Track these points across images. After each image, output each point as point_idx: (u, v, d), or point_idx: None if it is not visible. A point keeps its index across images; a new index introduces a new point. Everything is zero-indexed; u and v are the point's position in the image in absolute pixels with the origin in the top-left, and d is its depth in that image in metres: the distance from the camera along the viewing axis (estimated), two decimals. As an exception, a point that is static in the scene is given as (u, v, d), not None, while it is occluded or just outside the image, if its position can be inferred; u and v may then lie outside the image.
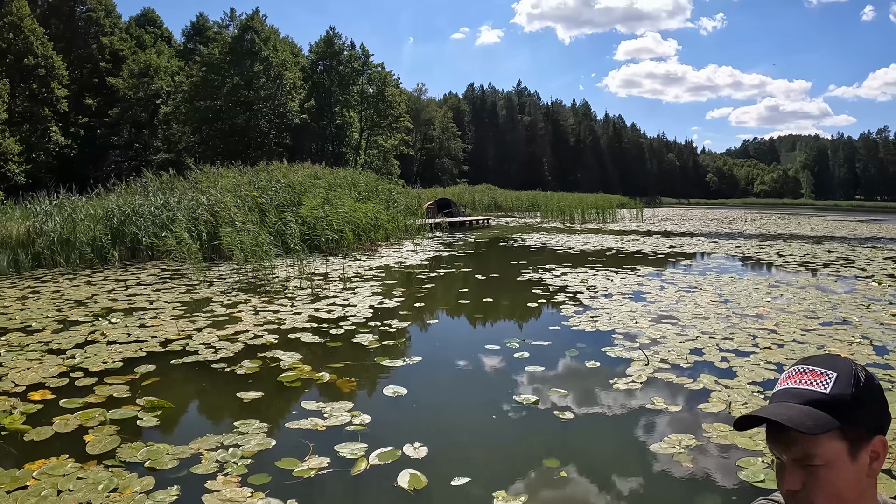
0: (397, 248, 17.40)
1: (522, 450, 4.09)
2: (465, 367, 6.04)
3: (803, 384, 1.11)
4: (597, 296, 9.61)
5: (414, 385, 5.26)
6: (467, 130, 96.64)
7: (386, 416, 4.64)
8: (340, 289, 10.28)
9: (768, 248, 18.90)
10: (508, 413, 4.65)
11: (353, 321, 7.80)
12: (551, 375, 5.63)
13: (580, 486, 3.63)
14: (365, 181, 22.63)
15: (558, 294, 9.76)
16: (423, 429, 4.37)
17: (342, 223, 16.44)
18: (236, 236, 12.74)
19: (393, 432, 4.27)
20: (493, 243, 20.33)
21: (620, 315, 8.07)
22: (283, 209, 16.66)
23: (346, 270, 12.63)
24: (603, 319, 7.79)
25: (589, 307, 8.67)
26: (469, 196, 44.25)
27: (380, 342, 6.69)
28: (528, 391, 5.10)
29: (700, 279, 11.60)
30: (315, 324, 7.67)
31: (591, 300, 9.22)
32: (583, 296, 9.62)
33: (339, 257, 15.02)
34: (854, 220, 44.28)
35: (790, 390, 1.12)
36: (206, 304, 9.08)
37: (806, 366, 1.14)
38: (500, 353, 6.32)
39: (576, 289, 10.30)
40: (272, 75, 41.28)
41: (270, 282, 11.13)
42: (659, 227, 30.09)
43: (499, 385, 5.41)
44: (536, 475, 3.71)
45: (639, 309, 8.52)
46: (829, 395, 1.08)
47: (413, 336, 7.21)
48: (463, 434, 4.41)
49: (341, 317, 8.06)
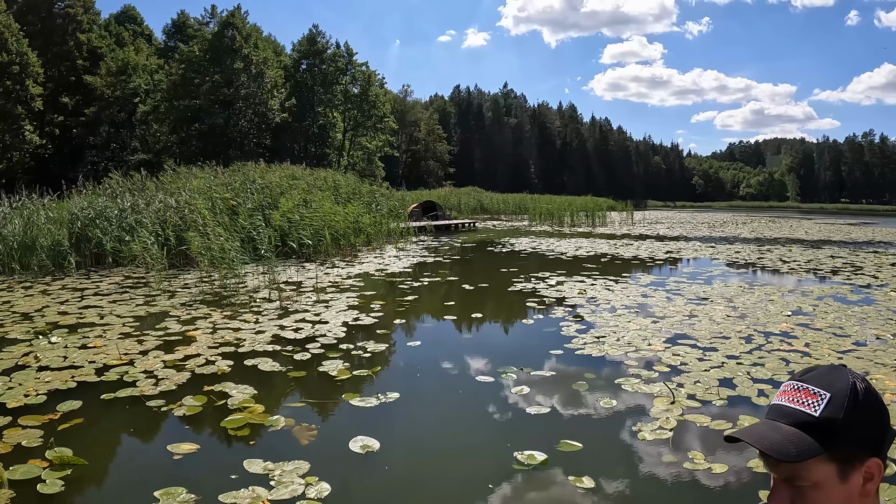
0: (379, 254, 16.34)
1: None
2: (452, 408, 4.99)
3: (795, 403, 1.09)
4: (598, 309, 8.60)
5: (388, 436, 4.19)
6: (453, 132, 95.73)
7: (351, 485, 3.59)
8: (313, 301, 9.22)
9: (769, 253, 18.04)
10: (509, 480, 3.60)
11: (322, 342, 6.75)
12: (559, 420, 4.58)
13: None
14: (346, 183, 21.54)
15: (556, 308, 8.74)
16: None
17: (320, 227, 15.35)
18: (201, 241, 11.63)
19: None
20: (481, 248, 19.32)
21: (629, 334, 7.06)
22: (258, 212, 15.57)
23: (323, 279, 11.56)
24: (610, 340, 6.78)
25: (592, 324, 7.66)
26: (455, 199, 43.26)
27: (351, 371, 5.64)
28: (533, 444, 4.04)
29: (707, 289, 10.65)
30: (278, 346, 6.62)
31: (592, 315, 8.22)
32: (583, 309, 8.61)
33: (317, 264, 13.95)
34: (845, 223, 43.82)
35: (782, 408, 1.10)
36: (162, 319, 8.02)
37: (801, 383, 1.11)
38: (494, 387, 5.28)
39: (574, 301, 9.30)
40: (252, 73, 39.91)
41: (237, 292, 10.05)
42: (651, 231, 29.23)
43: (495, 436, 4.35)
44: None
45: (648, 326, 7.52)
46: (817, 419, 1.05)
47: (391, 363, 6.16)
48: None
49: (309, 337, 7.01)
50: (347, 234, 16.67)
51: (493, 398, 5.03)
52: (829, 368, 1.12)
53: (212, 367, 5.87)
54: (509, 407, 4.83)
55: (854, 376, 1.09)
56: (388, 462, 3.87)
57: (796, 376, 1.13)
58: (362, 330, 7.45)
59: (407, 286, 10.86)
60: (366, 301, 9.25)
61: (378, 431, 4.20)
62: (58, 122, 46.18)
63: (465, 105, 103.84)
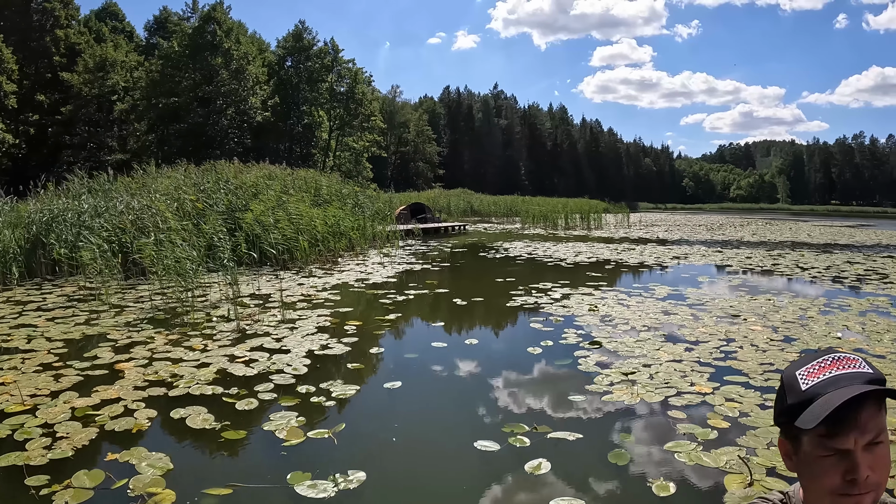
0: (362, 260, 14.89)
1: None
2: (442, 499, 3.56)
3: (850, 368, 1.09)
4: (617, 332, 7.20)
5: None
6: (443, 134, 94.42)
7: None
8: (278, 321, 7.78)
9: (781, 258, 16.75)
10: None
11: (277, 382, 5.32)
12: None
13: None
14: (328, 183, 20.06)
15: (566, 331, 7.31)
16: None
17: (295, 231, 13.90)
18: (153, 248, 10.16)
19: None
20: (472, 253, 17.91)
21: (663, 369, 5.67)
22: (226, 216, 14.12)
23: (295, 291, 10.11)
24: (642, 378, 5.37)
25: (613, 353, 6.25)
26: (444, 200, 41.94)
27: (305, 433, 4.19)
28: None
29: (734, 302, 9.29)
30: (220, 387, 5.18)
31: (611, 340, 6.81)
32: (599, 332, 7.21)
33: (293, 272, 12.51)
34: (842, 225, 42.83)
35: (842, 376, 1.08)
36: (95, 344, 6.62)
37: (832, 355, 1.12)
38: (500, 459, 3.81)
39: (586, 320, 7.90)
40: (233, 69, 38.17)
41: (193, 308, 8.61)
42: (649, 234, 27.94)
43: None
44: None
45: (682, 356, 6.13)
46: (875, 374, 1.08)
47: (360, 417, 4.70)
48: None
49: (263, 374, 5.58)
50: (327, 238, 15.22)
51: (499, 481, 3.57)
52: (824, 350, 1.20)
53: (128, 421, 4.45)
54: (524, 498, 3.39)
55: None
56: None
57: (817, 356, 1.13)
58: (330, 362, 6.01)
59: (389, 300, 9.42)
60: (339, 321, 7.81)
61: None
62: (33, 121, 44.46)
63: (455, 106, 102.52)
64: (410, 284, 11.06)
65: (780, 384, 1.16)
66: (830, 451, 1.06)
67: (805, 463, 1.11)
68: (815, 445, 1.08)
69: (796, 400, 1.11)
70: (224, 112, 38.99)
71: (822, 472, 1.08)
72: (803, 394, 1.10)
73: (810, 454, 1.09)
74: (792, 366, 1.16)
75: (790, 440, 1.15)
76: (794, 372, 1.14)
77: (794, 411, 1.10)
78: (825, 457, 1.07)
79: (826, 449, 1.07)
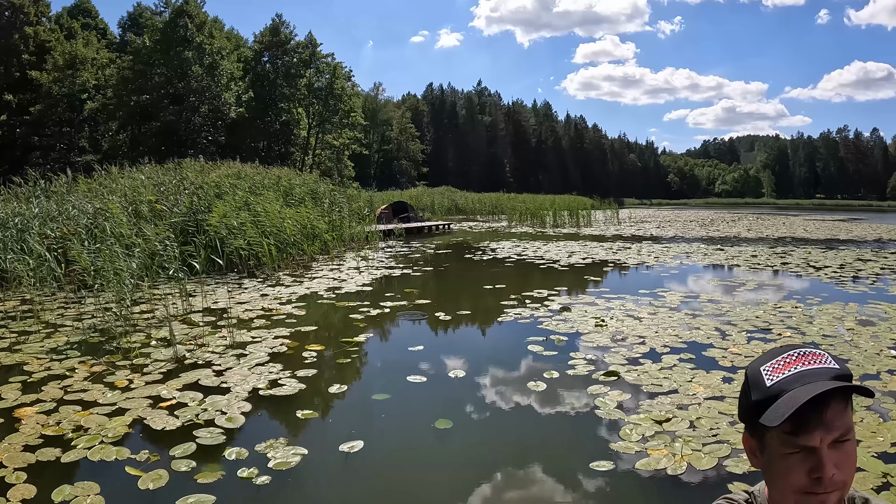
0: (338, 265, 13.58)
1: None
2: None
3: (816, 364, 1.05)
4: (635, 357, 5.95)
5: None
6: (426, 131, 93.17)
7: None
8: (226, 346, 6.48)
9: (788, 256, 15.65)
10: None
11: (201, 441, 4.03)
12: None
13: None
14: (301, 182, 18.70)
15: (573, 356, 6.04)
16: None
17: (259, 234, 12.58)
18: (86, 259, 8.81)
19: None
20: (457, 255, 16.64)
21: (703, 411, 4.41)
22: (189, 217, 12.80)
23: (257, 304, 8.81)
24: (681, 427, 4.10)
25: (638, 388, 4.99)
26: (428, 199, 40.69)
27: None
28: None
29: (759, 312, 8.08)
30: (129, 449, 3.90)
31: (630, 368, 5.55)
32: (612, 355, 5.95)
33: (260, 280, 11.20)
34: (835, 219, 42.16)
35: (807, 372, 1.03)
36: (5, 378, 5.37)
37: (800, 349, 1.08)
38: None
39: (593, 339, 6.64)
40: (206, 64, 36.50)
41: (135, 328, 7.32)
42: (641, 231, 26.83)
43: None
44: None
45: (723, 389, 4.89)
46: (841, 369, 1.04)
47: (302, 502, 3.41)
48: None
49: (187, 426, 4.29)
50: (298, 242, 13.88)
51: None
52: (788, 345, 1.10)
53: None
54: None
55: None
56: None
57: (781, 350, 1.09)
58: (276, 408, 4.73)
59: (361, 315, 8.12)
60: (298, 344, 6.50)
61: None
62: (1, 121, 42.75)
63: (439, 103, 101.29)
64: (387, 294, 9.76)
65: (744, 379, 1.11)
66: (796, 449, 1.02)
67: (770, 460, 1.06)
68: (781, 443, 1.03)
69: (761, 396, 1.05)
70: (198, 109, 37.37)
71: (787, 469, 1.03)
72: (768, 390, 1.05)
73: (775, 452, 1.04)
74: (756, 361, 1.10)
75: (755, 437, 1.09)
76: (758, 367, 1.09)
77: (758, 408, 1.04)
78: (790, 454, 1.02)
79: (791, 446, 1.02)
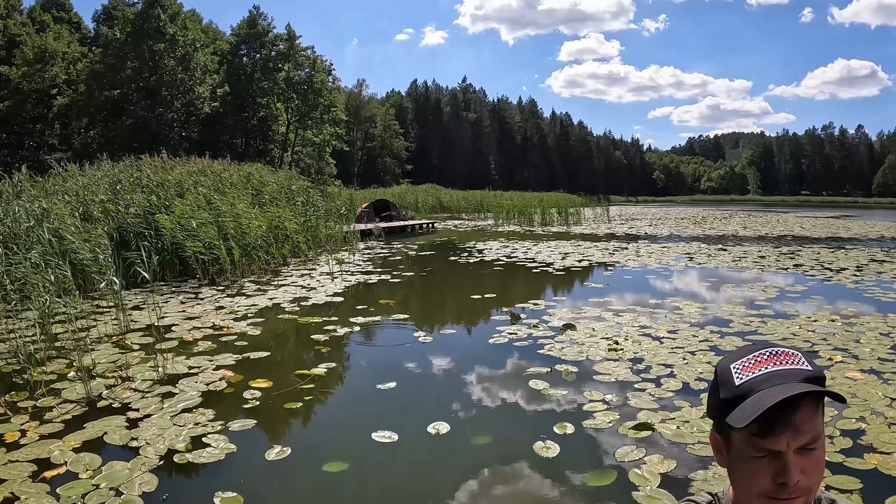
0: (310, 269, 12.26)
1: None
2: None
3: (788, 364, 0.99)
4: (666, 396, 4.67)
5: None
6: (410, 129, 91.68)
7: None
8: (154, 380, 5.16)
9: (798, 257, 14.53)
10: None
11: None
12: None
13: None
14: (275, 179, 17.30)
15: (588, 397, 4.75)
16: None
17: (221, 237, 11.21)
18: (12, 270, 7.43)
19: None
20: (442, 256, 15.35)
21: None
22: (143, 218, 11.42)
23: (208, 319, 7.49)
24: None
25: (680, 447, 3.72)
26: (412, 197, 39.36)
27: None
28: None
29: (794, 328, 6.86)
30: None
31: (664, 414, 4.28)
32: (636, 394, 4.68)
33: (221, 288, 9.88)
34: (828, 216, 41.36)
35: (778, 373, 0.97)
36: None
37: (771, 349, 1.01)
38: None
39: (609, 370, 5.36)
40: (179, 56, 34.75)
41: (59, 353, 6.00)
42: (634, 230, 25.69)
43: None
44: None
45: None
46: (814, 371, 0.99)
47: None
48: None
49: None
50: (265, 244, 12.53)
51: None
52: (762, 343, 1.06)
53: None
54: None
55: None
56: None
57: (755, 350, 1.03)
58: (189, 486, 3.41)
59: (325, 335, 6.80)
60: (241, 380, 5.19)
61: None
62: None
63: (423, 100, 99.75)
64: (359, 307, 8.44)
65: (714, 376, 1.05)
66: (762, 452, 0.97)
67: (735, 461, 1.00)
68: (747, 444, 0.98)
69: (729, 395, 1.00)
70: (171, 104, 35.68)
71: (752, 472, 0.98)
72: (737, 389, 0.99)
73: (741, 453, 0.99)
74: (728, 357, 1.05)
75: (721, 436, 1.03)
76: (728, 364, 1.03)
77: (726, 406, 1.00)
78: (756, 457, 0.97)
79: (757, 449, 0.97)
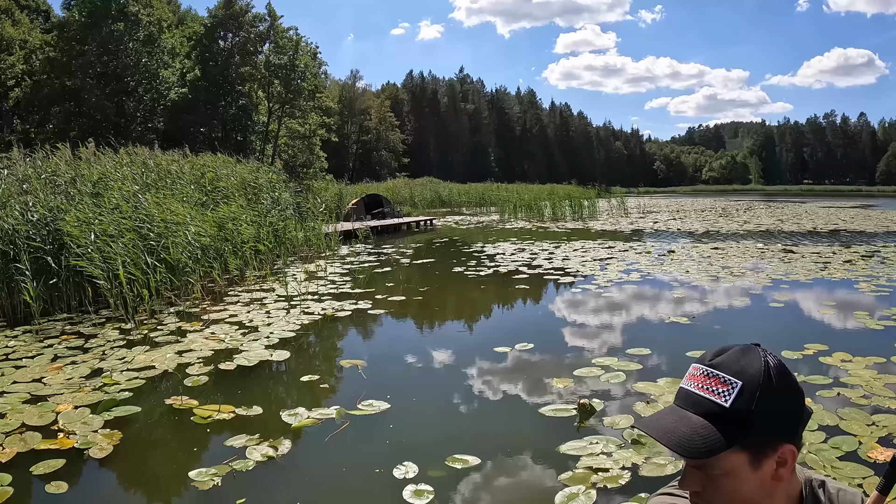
0: (267, 290, 9.12)
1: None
2: None
3: (704, 391, 0.98)
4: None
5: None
6: (406, 121, 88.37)
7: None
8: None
9: (863, 261, 11.49)
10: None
11: None
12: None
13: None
14: (234, 172, 14.13)
15: None
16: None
17: (134, 250, 8.06)
18: None
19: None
20: (443, 267, 12.24)
21: None
22: (43, 226, 8.29)
23: (45, 409, 4.41)
24: None
25: None
26: (407, 191, 36.27)
27: None
28: None
29: None
30: None
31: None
32: None
33: (132, 326, 6.80)
34: (849, 205, 38.35)
35: (691, 395, 0.99)
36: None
37: (710, 369, 0.99)
38: None
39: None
40: (141, 38, 31.34)
41: None
42: (659, 224, 22.58)
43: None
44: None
45: None
46: (729, 410, 0.95)
47: None
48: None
49: None
50: (207, 258, 9.39)
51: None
52: (741, 350, 1.01)
53: None
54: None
55: (767, 356, 0.99)
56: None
57: (706, 359, 1.01)
58: None
59: (216, 469, 3.70)
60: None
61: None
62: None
63: (419, 91, 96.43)
64: (307, 377, 5.33)
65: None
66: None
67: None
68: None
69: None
70: (133, 92, 32.34)
71: (682, 471, 1.03)
72: (676, 393, 1.03)
73: None
74: (702, 356, 1.04)
75: None
76: (693, 363, 1.04)
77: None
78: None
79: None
